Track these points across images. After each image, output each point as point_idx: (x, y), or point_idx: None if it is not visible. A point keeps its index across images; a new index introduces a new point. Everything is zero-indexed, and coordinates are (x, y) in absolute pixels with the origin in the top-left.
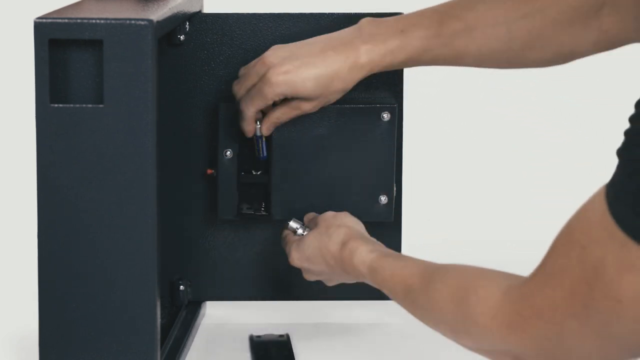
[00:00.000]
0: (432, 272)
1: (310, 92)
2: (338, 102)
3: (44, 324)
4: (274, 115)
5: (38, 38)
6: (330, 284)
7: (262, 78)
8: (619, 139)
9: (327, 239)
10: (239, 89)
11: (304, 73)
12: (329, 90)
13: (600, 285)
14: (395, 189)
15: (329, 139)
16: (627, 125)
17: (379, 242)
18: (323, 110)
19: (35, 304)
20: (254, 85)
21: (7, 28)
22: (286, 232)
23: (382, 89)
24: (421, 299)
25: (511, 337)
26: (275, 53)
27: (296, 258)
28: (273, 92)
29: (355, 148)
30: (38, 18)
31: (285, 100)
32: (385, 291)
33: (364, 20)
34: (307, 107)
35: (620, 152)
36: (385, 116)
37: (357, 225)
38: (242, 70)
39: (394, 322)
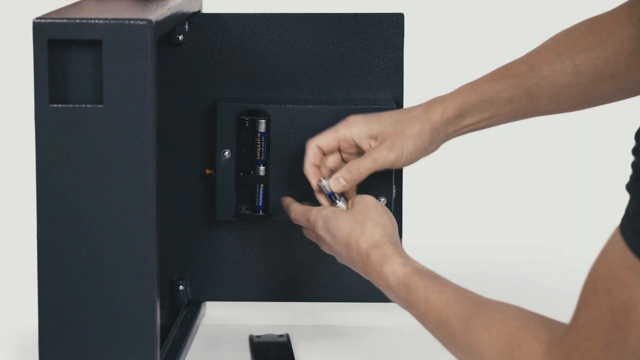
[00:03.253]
0: (472, 309)
1: None
2: (338, 102)
3: (43, 324)
4: None
5: (37, 38)
6: (341, 261)
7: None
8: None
9: (359, 231)
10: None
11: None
12: None
13: (633, 327)
14: (394, 190)
15: None
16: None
17: (408, 254)
18: (322, 111)
19: (35, 304)
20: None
21: (6, 28)
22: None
23: (382, 89)
24: (459, 338)
25: None
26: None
27: (321, 227)
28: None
29: None
30: (37, 18)
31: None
32: (411, 310)
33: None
34: None
35: (630, 187)
36: None
37: (393, 228)
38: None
39: (394, 324)
